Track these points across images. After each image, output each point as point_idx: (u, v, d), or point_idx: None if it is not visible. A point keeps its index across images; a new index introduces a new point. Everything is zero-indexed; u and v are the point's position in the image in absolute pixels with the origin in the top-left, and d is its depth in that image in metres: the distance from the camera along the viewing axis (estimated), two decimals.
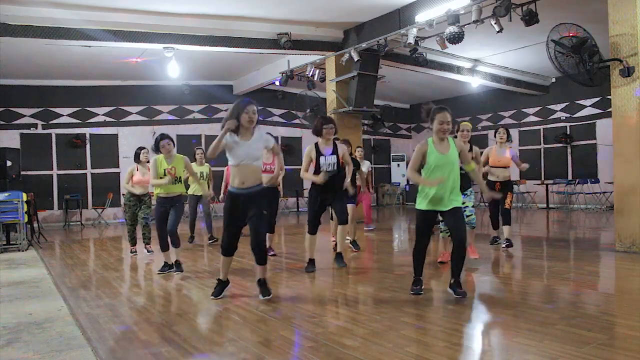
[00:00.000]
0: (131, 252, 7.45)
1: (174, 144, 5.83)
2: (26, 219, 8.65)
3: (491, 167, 6.70)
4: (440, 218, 4.46)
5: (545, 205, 14.24)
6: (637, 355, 2.85)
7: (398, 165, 17.91)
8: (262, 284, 4.44)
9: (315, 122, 5.63)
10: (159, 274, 5.81)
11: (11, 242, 8.83)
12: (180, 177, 5.79)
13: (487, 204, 6.58)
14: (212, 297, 4.49)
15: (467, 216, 5.58)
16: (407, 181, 17.60)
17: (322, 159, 5.43)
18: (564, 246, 7.32)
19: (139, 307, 4.42)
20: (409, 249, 7.71)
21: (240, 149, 4.25)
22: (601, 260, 6.09)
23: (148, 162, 6.92)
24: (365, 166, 8.33)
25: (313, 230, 5.66)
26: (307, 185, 16.19)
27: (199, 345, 3.28)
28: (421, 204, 4.23)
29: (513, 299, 4.27)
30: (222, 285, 4.55)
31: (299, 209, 15.98)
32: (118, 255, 7.95)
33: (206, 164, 8.59)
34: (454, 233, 4.23)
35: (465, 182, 5.67)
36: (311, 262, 5.73)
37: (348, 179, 5.81)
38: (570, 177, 14.22)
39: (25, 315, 4.19)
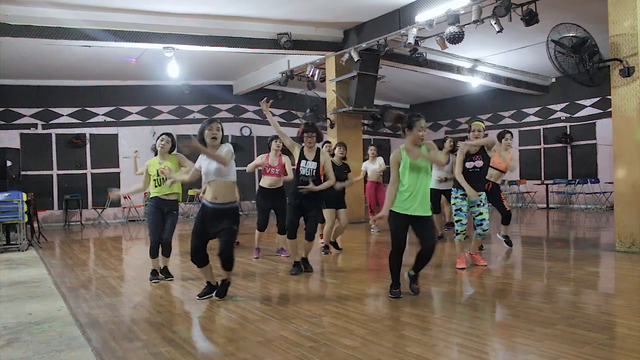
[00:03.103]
0: None
1: (172, 142, 5.49)
2: (26, 219, 8.64)
3: (490, 166, 6.66)
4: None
5: (545, 205, 14.24)
6: (637, 355, 2.85)
7: None
8: (224, 285, 4.55)
9: (299, 128, 5.58)
10: (152, 282, 5.47)
11: (11, 242, 8.83)
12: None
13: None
14: (197, 297, 4.54)
15: (484, 230, 5.55)
16: None
17: (302, 162, 5.43)
18: (564, 246, 7.32)
19: (139, 307, 4.43)
20: (409, 249, 7.71)
21: (208, 166, 4.27)
22: (601, 260, 6.09)
23: None
24: (379, 163, 8.90)
25: (292, 235, 5.57)
26: None
27: (199, 345, 3.28)
28: (395, 206, 4.23)
29: (513, 299, 4.27)
30: (210, 288, 4.58)
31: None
32: (118, 255, 7.95)
33: None
34: (422, 243, 4.27)
35: (484, 182, 5.71)
36: (296, 264, 5.66)
37: (324, 186, 5.52)
38: (570, 177, 14.22)
39: (25, 315, 4.19)
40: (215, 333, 3.59)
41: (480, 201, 5.51)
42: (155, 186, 5.40)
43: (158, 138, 5.51)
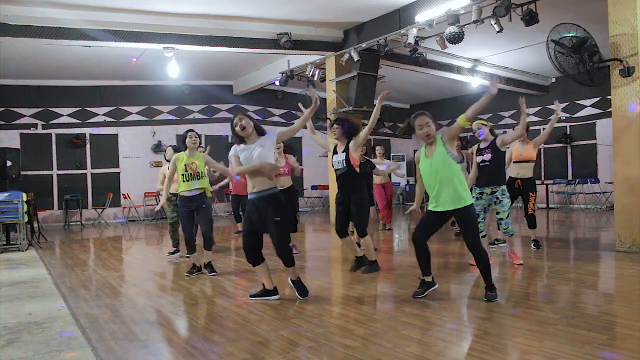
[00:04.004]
0: (170, 253, 7.22)
1: (199, 138, 5.67)
2: (26, 219, 8.64)
3: (513, 162, 6.60)
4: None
5: (545, 205, 14.24)
6: (637, 355, 2.85)
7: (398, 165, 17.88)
8: (296, 283, 4.47)
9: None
10: (186, 276, 5.60)
11: (11, 242, 8.83)
12: (200, 173, 5.52)
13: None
14: (250, 297, 4.51)
15: (505, 229, 5.54)
16: (407, 181, 17.60)
17: (334, 157, 5.48)
18: (564, 246, 7.32)
19: (139, 307, 4.42)
20: (410, 248, 7.72)
21: (243, 154, 4.26)
22: (601, 260, 6.09)
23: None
24: (386, 165, 8.94)
25: (340, 234, 5.46)
26: (307, 185, 16.25)
27: (199, 345, 3.28)
28: (429, 204, 4.23)
29: (513, 299, 4.27)
30: (264, 292, 4.49)
31: (299, 209, 15.97)
32: (118, 255, 7.95)
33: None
34: (463, 236, 4.21)
35: (496, 177, 5.50)
36: (357, 260, 5.57)
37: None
38: (570, 177, 14.22)
39: (25, 315, 4.19)
40: (216, 333, 3.59)
41: (497, 198, 5.47)
42: (183, 181, 5.48)
43: (186, 135, 5.55)
